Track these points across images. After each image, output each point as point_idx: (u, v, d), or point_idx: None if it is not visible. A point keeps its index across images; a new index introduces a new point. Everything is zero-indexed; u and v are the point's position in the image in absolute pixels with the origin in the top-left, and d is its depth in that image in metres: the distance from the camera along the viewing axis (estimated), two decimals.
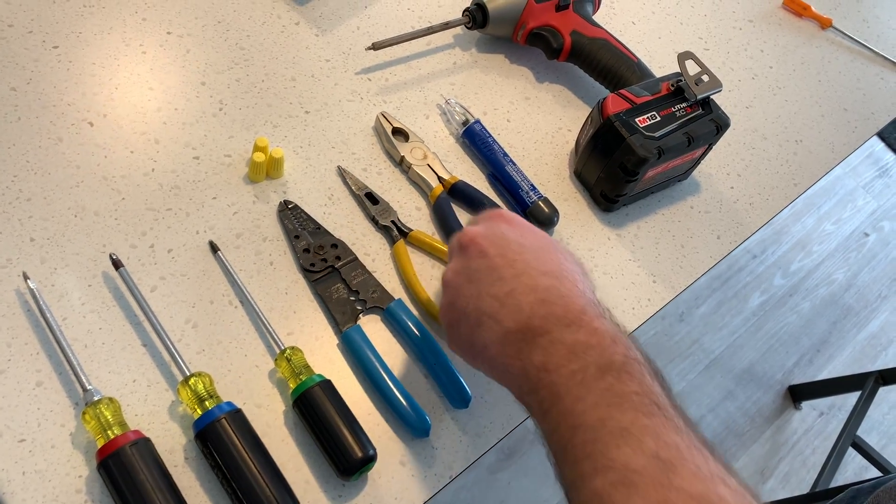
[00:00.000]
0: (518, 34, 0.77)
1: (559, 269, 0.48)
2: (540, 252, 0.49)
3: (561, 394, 0.42)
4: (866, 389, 1.63)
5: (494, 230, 0.51)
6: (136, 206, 0.62)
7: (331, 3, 0.78)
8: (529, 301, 0.46)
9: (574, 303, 0.46)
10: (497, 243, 0.50)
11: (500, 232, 0.51)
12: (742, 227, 0.76)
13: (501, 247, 0.49)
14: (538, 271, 0.48)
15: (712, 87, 0.70)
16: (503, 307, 0.47)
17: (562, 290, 0.47)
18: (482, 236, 0.51)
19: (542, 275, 0.47)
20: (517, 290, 0.47)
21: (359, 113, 0.72)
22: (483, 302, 0.48)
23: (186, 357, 0.57)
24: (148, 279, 0.59)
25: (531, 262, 0.48)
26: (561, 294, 0.46)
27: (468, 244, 0.51)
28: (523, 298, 0.46)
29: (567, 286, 0.47)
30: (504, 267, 0.48)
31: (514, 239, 0.50)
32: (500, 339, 0.46)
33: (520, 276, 0.47)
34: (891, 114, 0.90)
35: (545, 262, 0.49)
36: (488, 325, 0.47)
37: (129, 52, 0.69)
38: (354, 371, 0.59)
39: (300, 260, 0.62)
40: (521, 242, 0.50)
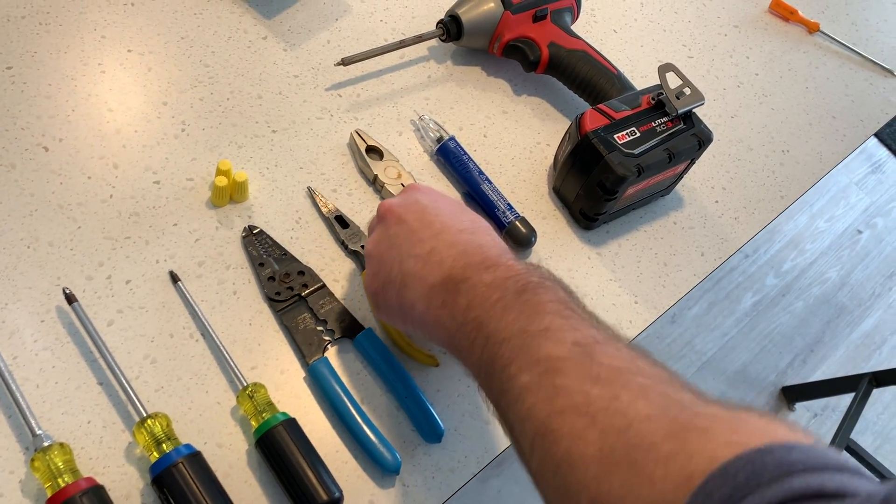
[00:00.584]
0: (494, 46, 0.75)
1: (474, 226, 0.52)
2: (455, 213, 0.53)
3: (485, 321, 0.45)
4: (860, 391, 1.61)
5: (409, 199, 0.54)
6: (92, 235, 0.59)
7: (300, 16, 0.75)
8: (451, 255, 0.49)
9: (491, 250, 0.49)
10: (413, 209, 0.53)
11: (415, 198, 0.54)
12: (727, 242, 0.74)
13: (418, 212, 0.52)
14: (455, 229, 0.51)
15: (694, 100, 0.67)
16: (426, 264, 0.49)
17: (479, 241, 0.50)
18: (398, 205, 0.54)
19: (460, 231, 0.51)
20: (437, 247, 0.50)
21: (328, 131, 0.69)
22: (406, 263, 0.51)
23: (144, 395, 0.54)
24: (105, 313, 0.57)
25: (448, 222, 0.51)
26: (479, 244, 0.50)
27: (385, 214, 0.54)
28: (444, 253, 0.49)
29: (484, 238, 0.51)
30: (422, 229, 0.51)
31: (429, 204, 0.53)
32: (425, 293, 0.49)
33: (439, 235, 0.51)
34: (880, 120, 0.88)
35: (461, 220, 0.52)
36: (413, 284, 0.50)
37: (88, 71, 0.66)
38: (321, 406, 0.57)
39: (265, 289, 0.60)
40: (437, 206, 0.53)
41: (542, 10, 0.74)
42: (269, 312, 0.59)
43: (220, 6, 0.73)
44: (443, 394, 0.59)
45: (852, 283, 2.08)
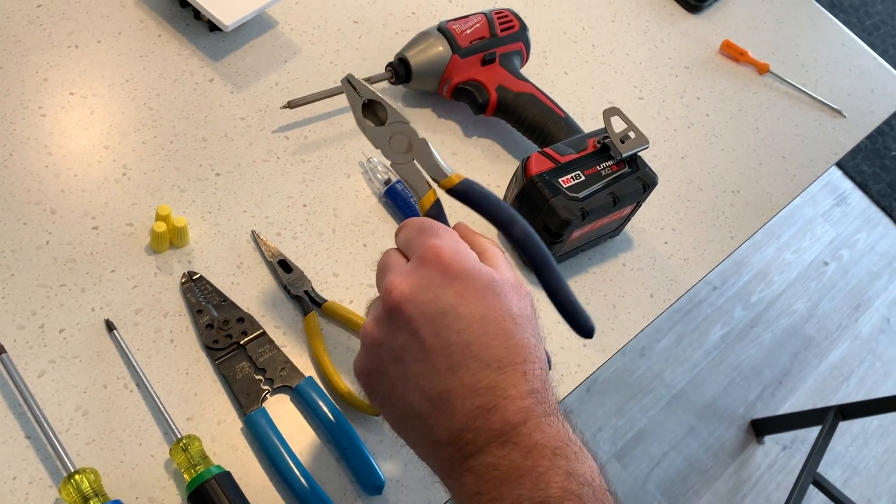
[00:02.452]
0: (443, 89, 0.75)
1: (506, 352, 0.40)
2: (483, 325, 0.40)
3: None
4: (826, 424, 1.61)
5: (427, 291, 0.41)
6: (26, 282, 0.58)
7: (248, 58, 0.75)
8: (465, 409, 0.39)
9: (515, 408, 0.39)
10: (429, 315, 0.41)
11: (434, 295, 0.41)
12: (676, 283, 0.74)
13: (435, 321, 0.41)
14: (480, 361, 0.40)
15: (638, 144, 0.68)
16: (435, 410, 0.40)
17: (505, 386, 0.40)
18: (411, 301, 0.41)
19: (485, 367, 0.40)
20: (453, 390, 0.40)
21: (274, 173, 0.69)
22: (412, 396, 0.41)
23: (75, 449, 0.53)
24: (36, 363, 0.55)
25: (472, 347, 0.40)
26: (503, 393, 0.39)
27: (393, 309, 0.42)
28: (458, 403, 0.40)
29: (513, 378, 0.40)
30: (438, 353, 0.40)
31: (452, 307, 0.41)
32: (429, 447, 0.42)
33: (456, 371, 0.40)
34: (829, 160, 0.89)
35: (490, 342, 0.40)
36: (416, 427, 0.42)
37: (27, 115, 0.65)
38: (259, 458, 0.55)
39: (203, 337, 0.59)
40: (460, 312, 0.40)
41: (490, 53, 0.74)
42: (206, 361, 0.58)
43: (167, 48, 0.73)
44: (385, 444, 0.58)
45: (819, 315, 2.09)
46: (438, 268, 0.42)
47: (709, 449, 1.79)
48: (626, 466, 1.71)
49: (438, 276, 0.42)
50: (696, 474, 1.75)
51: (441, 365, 0.40)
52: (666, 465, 1.74)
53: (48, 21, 0.71)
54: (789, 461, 1.83)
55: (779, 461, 1.82)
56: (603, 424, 1.75)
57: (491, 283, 0.42)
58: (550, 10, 0.90)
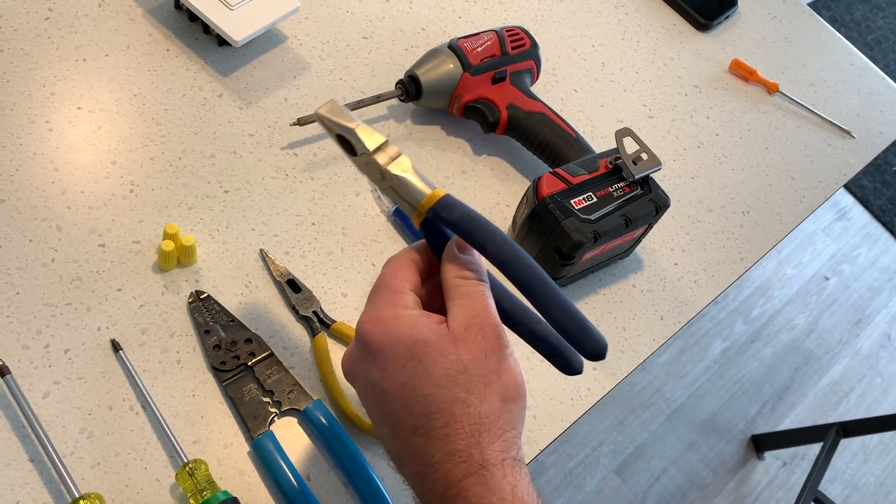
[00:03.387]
0: (453, 107, 0.74)
1: (426, 419, 0.42)
2: (402, 393, 0.42)
3: None
4: (827, 441, 1.61)
5: (359, 371, 0.45)
6: (31, 301, 0.57)
7: (257, 73, 0.74)
8: (409, 473, 0.43)
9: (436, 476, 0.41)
10: (366, 391, 0.45)
11: (363, 374, 0.45)
12: (686, 306, 0.73)
13: (371, 397, 0.45)
14: (406, 429, 0.42)
15: (651, 165, 0.67)
16: (400, 467, 0.45)
17: (430, 453, 0.41)
18: (352, 377, 0.46)
19: (411, 433, 0.42)
20: (399, 455, 0.44)
21: (283, 191, 0.68)
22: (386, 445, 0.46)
23: (79, 472, 0.52)
24: (41, 384, 0.54)
25: (398, 414, 0.43)
26: (429, 462, 0.41)
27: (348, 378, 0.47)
28: (405, 469, 0.44)
29: (434, 443, 0.41)
30: (381, 423, 0.45)
31: (377, 383, 0.44)
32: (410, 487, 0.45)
33: (395, 437, 0.43)
34: (838, 181, 0.89)
35: (410, 411, 0.42)
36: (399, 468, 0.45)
37: (34, 129, 0.65)
38: (266, 482, 0.54)
39: (210, 358, 0.58)
40: (384, 388, 0.43)
41: (501, 72, 0.74)
42: (213, 382, 0.57)
43: (176, 63, 0.72)
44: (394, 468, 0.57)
45: (820, 330, 2.09)
46: (362, 344, 0.45)
47: (709, 464, 1.78)
48: (626, 481, 1.70)
49: (363, 353, 0.45)
50: (696, 490, 1.74)
51: (386, 432, 0.44)
52: (666, 481, 1.73)
53: (56, 34, 0.70)
54: (789, 477, 1.82)
55: (779, 477, 1.81)
56: (603, 439, 1.74)
57: (410, 349, 0.43)
58: (560, 28, 0.90)
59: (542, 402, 0.64)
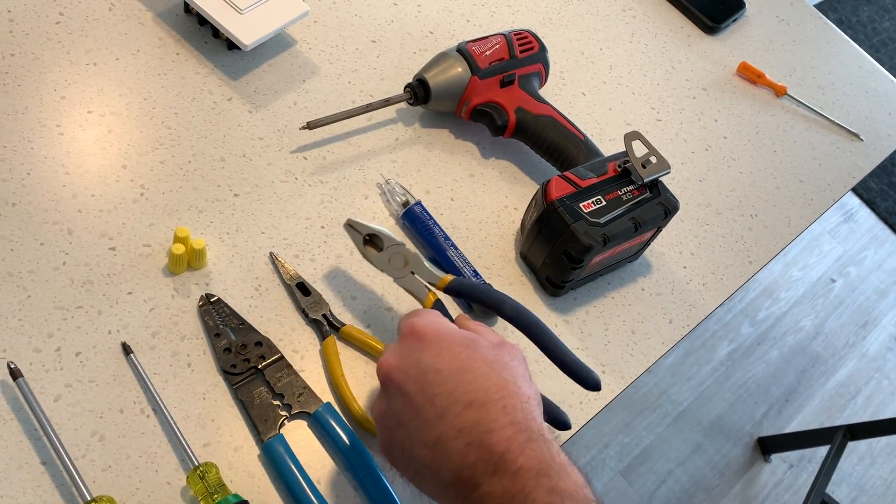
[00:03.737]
0: (462, 110, 0.74)
1: (484, 392, 0.45)
2: (459, 374, 0.46)
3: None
4: (834, 444, 1.61)
5: (409, 358, 0.48)
6: (43, 304, 0.57)
7: (266, 77, 0.74)
8: (457, 448, 0.44)
9: (499, 436, 0.44)
10: (413, 376, 0.47)
11: (415, 359, 0.48)
12: (695, 309, 0.73)
13: (419, 380, 0.47)
14: (462, 404, 0.45)
15: (660, 169, 0.67)
16: (436, 456, 0.45)
17: (487, 421, 0.44)
18: (397, 369, 0.48)
19: (466, 407, 0.45)
20: (444, 434, 0.45)
21: (293, 194, 0.68)
22: (416, 451, 0.46)
23: (90, 475, 0.52)
24: (52, 387, 0.55)
25: (453, 394, 0.45)
26: (486, 429, 0.44)
27: (385, 381, 0.49)
28: (451, 445, 0.44)
29: (494, 414, 0.44)
30: (426, 406, 0.46)
31: (431, 365, 0.47)
32: (440, 491, 0.46)
33: (444, 417, 0.45)
34: (847, 184, 0.88)
35: (468, 387, 0.46)
36: (426, 476, 0.46)
37: (45, 133, 0.65)
38: (276, 486, 0.55)
39: (220, 361, 0.58)
40: (439, 368, 0.47)
41: (509, 75, 0.74)
42: (224, 386, 0.58)
43: (185, 66, 0.72)
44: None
45: (826, 332, 2.08)
46: (415, 337, 0.49)
47: (715, 467, 1.78)
48: (633, 484, 1.70)
49: (416, 343, 0.49)
50: (702, 492, 1.74)
51: (431, 415, 0.46)
52: (672, 483, 1.73)
53: (66, 38, 0.70)
54: (796, 480, 1.82)
55: (785, 480, 1.81)
56: (609, 441, 1.74)
57: (464, 340, 0.49)
58: (568, 31, 0.90)
59: None
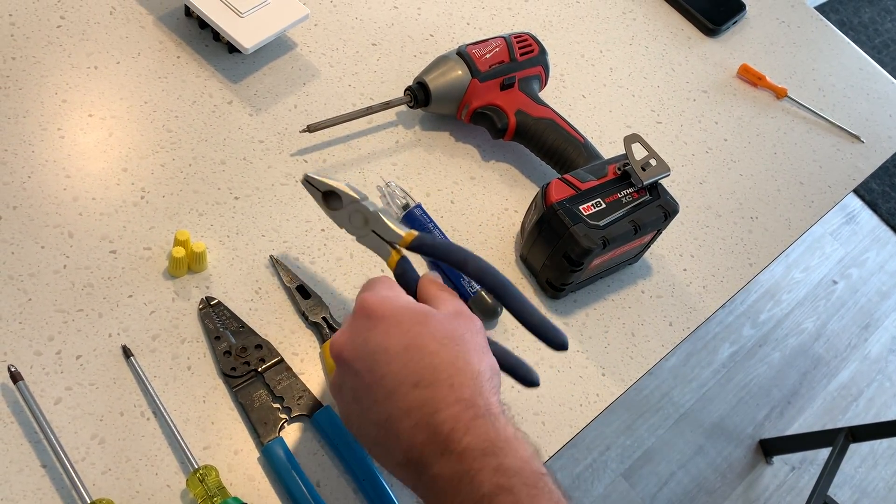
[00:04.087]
0: (462, 113, 0.74)
1: (431, 370, 0.45)
2: (406, 353, 0.46)
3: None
4: (836, 446, 1.60)
5: (358, 336, 0.48)
6: (43, 307, 0.58)
7: (267, 80, 0.75)
8: (406, 428, 0.44)
9: (444, 418, 0.44)
10: (363, 357, 0.47)
11: (364, 339, 0.47)
12: (695, 312, 0.73)
13: (368, 361, 0.47)
14: (409, 384, 0.45)
15: (660, 171, 0.67)
16: (387, 436, 0.46)
17: (435, 401, 0.44)
18: (348, 348, 0.48)
19: (413, 387, 0.45)
20: (393, 415, 0.45)
21: (293, 197, 0.69)
22: (369, 429, 0.47)
23: (90, 478, 0.52)
24: (52, 390, 0.55)
25: (401, 374, 0.45)
26: (435, 409, 0.44)
27: (337, 359, 0.49)
28: (400, 426, 0.45)
29: (441, 392, 0.44)
30: (375, 386, 0.46)
31: (380, 344, 0.47)
32: (394, 468, 0.47)
33: (392, 397, 0.45)
34: (847, 186, 0.88)
35: (416, 366, 0.45)
36: (380, 455, 0.48)
37: (46, 136, 0.65)
38: (276, 489, 0.55)
39: (220, 364, 0.58)
40: (387, 347, 0.46)
41: (509, 78, 0.74)
42: (224, 389, 0.58)
43: (186, 70, 0.73)
44: None
45: (828, 334, 2.08)
46: (364, 315, 0.48)
47: (717, 469, 1.78)
48: (634, 486, 1.70)
49: (365, 321, 0.48)
50: (704, 494, 1.74)
51: (380, 395, 0.46)
52: (674, 485, 1.72)
53: (68, 42, 0.71)
54: (798, 482, 1.81)
55: (787, 482, 1.81)
56: (611, 443, 1.73)
57: (415, 315, 0.48)
58: (568, 33, 0.90)
59: (550, 408, 0.64)
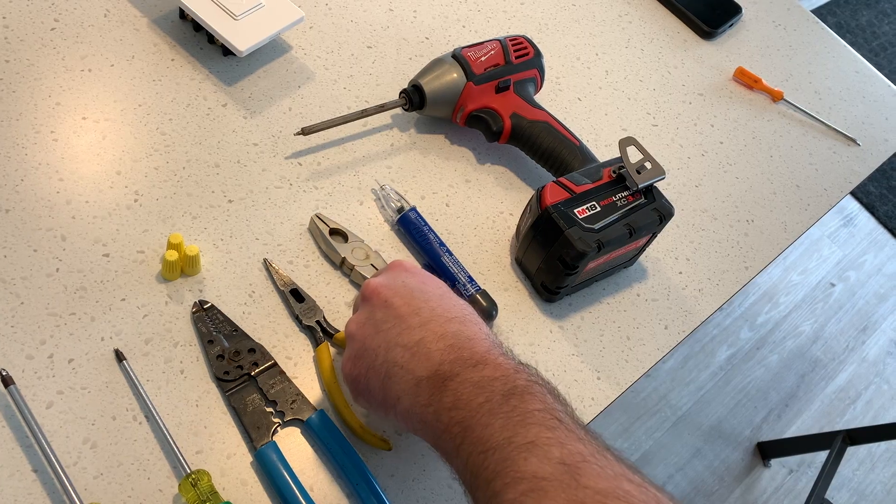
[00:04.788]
0: (457, 116, 0.74)
1: (462, 314, 0.51)
2: (443, 299, 0.52)
3: (471, 425, 0.44)
4: (834, 449, 1.60)
5: (396, 279, 0.53)
6: (36, 311, 0.57)
7: (262, 83, 0.74)
8: (439, 348, 0.48)
9: (479, 344, 0.48)
10: (400, 292, 0.51)
11: (402, 281, 0.53)
12: (691, 315, 0.73)
13: (405, 296, 0.51)
14: (444, 317, 0.50)
15: (655, 175, 0.67)
16: (413, 356, 0.48)
17: (468, 333, 0.49)
18: (384, 286, 0.52)
19: (448, 321, 0.49)
20: (426, 338, 0.48)
21: (287, 200, 0.68)
22: (393, 353, 0.49)
23: (82, 483, 0.52)
24: (44, 394, 0.54)
25: (436, 309, 0.50)
26: (467, 337, 0.48)
27: (371, 295, 0.53)
28: (432, 346, 0.48)
29: (472, 329, 0.49)
30: (410, 315, 0.50)
31: (417, 286, 0.52)
32: (412, 388, 0.48)
33: (427, 324, 0.49)
34: (843, 189, 0.88)
35: (449, 307, 0.51)
36: (399, 376, 0.48)
37: (39, 139, 0.65)
38: (269, 493, 0.54)
39: (213, 368, 0.58)
40: (424, 290, 0.52)
41: (504, 81, 0.74)
42: (217, 393, 0.57)
43: (180, 73, 0.72)
44: (397, 479, 0.57)
45: (826, 337, 2.08)
46: (401, 268, 0.55)
47: (714, 471, 1.77)
48: None
49: (403, 272, 0.54)
50: (702, 497, 1.73)
51: (414, 323, 0.50)
52: (671, 488, 1.72)
53: (62, 44, 0.70)
54: (796, 485, 1.81)
55: (785, 485, 1.80)
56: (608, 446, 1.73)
57: (444, 285, 0.54)
58: (564, 36, 0.90)
59: None
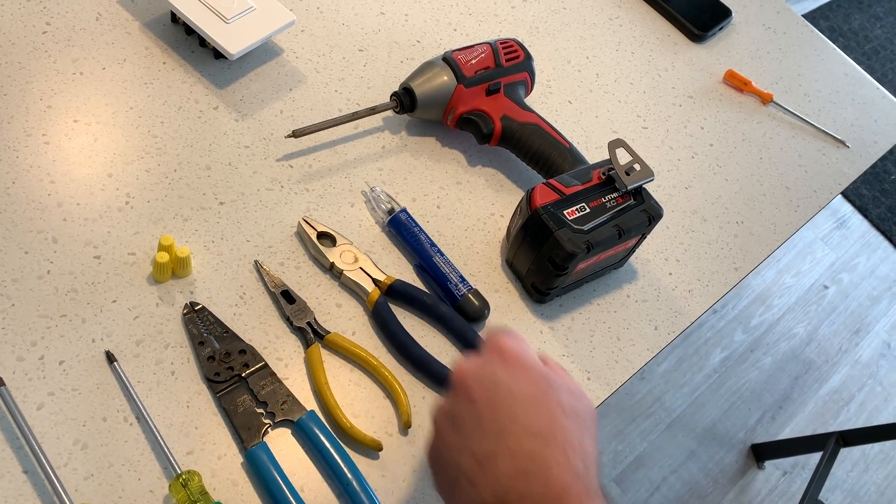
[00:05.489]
0: (448, 118, 0.75)
1: (550, 429, 0.44)
2: (532, 403, 0.45)
3: None
4: (827, 451, 1.61)
5: (486, 370, 0.47)
6: (26, 312, 0.58)
7: (253, 85, 0.75)
8: (509, 471, 0.42)
9: (557, 479, 0.42)
10: (486, 388, 0.46)
11: (492, 372, 0.47)
12: (681, 316, 0.73)
13: (490, 393, 0.45)
14: (525, 430, 0.44)
15: (643, 176, 0.67)
16: (482, 472, 0.43)
17: (548, 458, 0.43)
18: (472, 377, 0.47)
19: (529, 436, 0.43)
20: (498, 453, 0.43)
21: (278, 202, 0.69)
22: (463, 458, 0.44)
23: (73, 484, 0.52)
24: (35, 395, 0.55)
25: (519, 417, 0.44)
26: (546, 465, 0.42)
27: (458, 384, 0.47)
28: (503, 466, 0.42)
29: (554, 454, 0.43)
30: (489, 419, 0.44)
31: (506, 384, 0.46)
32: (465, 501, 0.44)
33: (503, 435, 0.43)
34: (833, 191, 0.89)
35: (535, 417, 0.44)
36: (464, 489, 0.44)
37: (31, 142, 0.65)
38: (259, 494, 0.55)
39: (204, 369, 0.58)
40: (512, 388, 0.45)
41: (495, 83, 0.74)
42: (207, 394, 0.58)
43: (172, 76, 0.73)
44: (387, 479, 0.57)
45: (819, 339, 2.09)
46: (499, 354, 0.48)
47: (709, 473, 1.78)
48: (626, 491, 1.70)
49: (498, 360, 0.48)
50: (696, 499, 1.74)
51: (490, 429, 0.44)
52: (666, 490, 1.72)
53: (53, 47, 0.71)
54: (790, 486, 1.81)
55: (779, 486, 1.81)
56: (602, 448, 1.73)
57: (545, 376, 0.47)
58: (554, 39, 0.90)
59: None
